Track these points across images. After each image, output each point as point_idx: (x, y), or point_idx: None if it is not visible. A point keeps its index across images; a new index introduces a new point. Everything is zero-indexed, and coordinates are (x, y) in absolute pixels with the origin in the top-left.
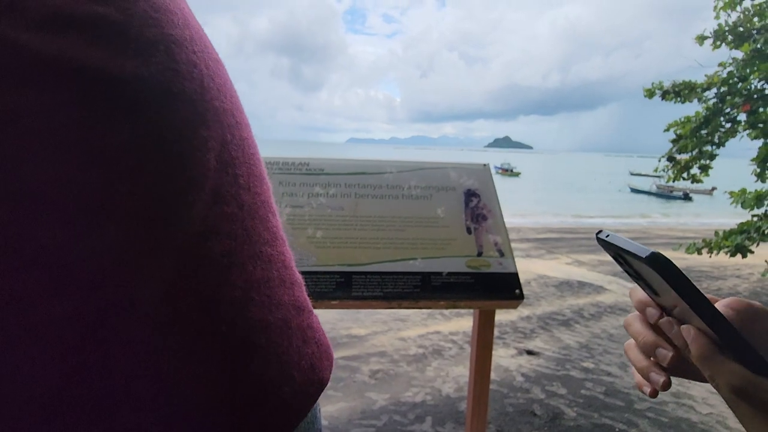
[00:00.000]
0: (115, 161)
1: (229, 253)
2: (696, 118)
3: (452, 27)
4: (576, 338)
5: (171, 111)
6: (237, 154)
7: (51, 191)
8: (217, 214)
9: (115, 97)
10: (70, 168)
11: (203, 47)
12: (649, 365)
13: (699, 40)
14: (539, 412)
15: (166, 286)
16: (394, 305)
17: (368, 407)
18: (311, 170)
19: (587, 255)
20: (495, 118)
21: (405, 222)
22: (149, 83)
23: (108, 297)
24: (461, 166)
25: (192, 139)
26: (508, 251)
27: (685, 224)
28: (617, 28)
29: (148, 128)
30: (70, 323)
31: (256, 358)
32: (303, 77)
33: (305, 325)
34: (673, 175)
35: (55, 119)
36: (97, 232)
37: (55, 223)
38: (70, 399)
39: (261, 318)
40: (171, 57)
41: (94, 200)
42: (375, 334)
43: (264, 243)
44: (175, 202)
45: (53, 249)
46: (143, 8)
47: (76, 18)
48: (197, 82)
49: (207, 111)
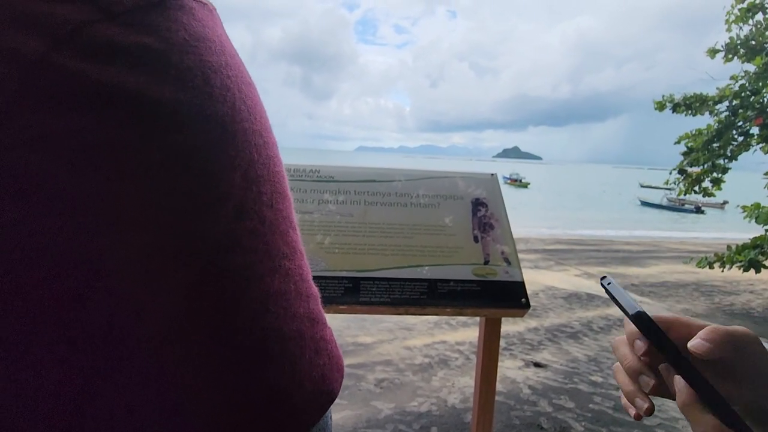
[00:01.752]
0: (149, 177)
1: (250, 266)
2: (708, 131)
3: (463, 37)
4: (584, 351)
5: (203, 132)
6: (262, 172)
7: (86, 204)
8: (240, 229)
9: (154, 118)
10: (102, 184)
11: (237, 72)
12: (634, 390)
13: (711, 53)
14: (546, 425)
15: (187, 293)
16: (401, 311)
17: (373, 416)
18: (321, 177)
19: (597, 267)
20: (504, 128)
21: (413, 229)
22: (185, 107)
23: (133, 303)
24: (469, 176)
25: (221, 158)
26: (514, 260)
27: (696, 238)
28: (628, 39)
29: (181, 148)
30: (91, 328)
31: (270, 366)
32: (314, 86)
33: (318, 336)
34: (684, 188)
35: (99, 138)
36: (129, 241)
37: (91, 232)
38: (86, 405)
39: (276, 328)
40: (206, 82)
41: (126, 212)
42: (381, 342)
43: (283, 257)
44: (201, 216)
45: (86, 254)
46: (183, 37)
47: (123, 47)
48: (229, 105)
49: (236, 132)
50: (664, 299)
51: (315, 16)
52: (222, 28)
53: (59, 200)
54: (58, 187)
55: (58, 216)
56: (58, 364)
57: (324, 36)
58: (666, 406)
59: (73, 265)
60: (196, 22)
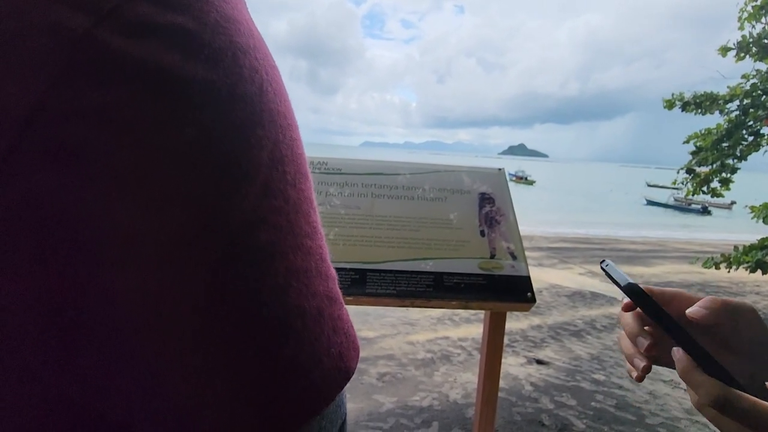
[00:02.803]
0: (181, 153)
1: (274, 243)
2: (717, 130)
3: (471, 33)
4: (587, 349)
5: (233, 111)
6: (286, 152)
7: (123, 175)
8: (266, 206)
9: (187, 96)
10: (139, 156)
11: (263, 55)
12: (634, 352)
13: (722, 51)
14: (548, 422)
15: (216, 266)
16: (407, 303)
17: (375, 409)
18: (329, 169)
19: None
20: (510, 125)
21: (420, 223)
22: (216, 86)
23: (162, 275)
24: (476, 170)
25: (249, 137)
26: (520, 255)
27: (702, 238)
28: (638, 37)
29: (212, 126)
30: (121, 298)
31: (291, 341)
32: (320, 80)
33: (336, 315)
34: (692, 188)
35: (137, 112)
36: (162, 213)
37: (127, 202)
38: None
39: (298, 304)
40: (236, 63)
41: (160, 185)
42: (384, 337)
43: (305, 236)
44: (230, 192)
45: (121, 225)
46: (215, 18)
47: (159, 26)
48: (257, 86)
49: (263, 112)
50: None
51: (322, 10)
52: (248, 11)
53: (97, 171)
54: (98, 158)
55: (95, 186)
56: (83, 329)
57: (331, 30)
58: (668, 405)
59: (107, 235)
60: (225, 4)
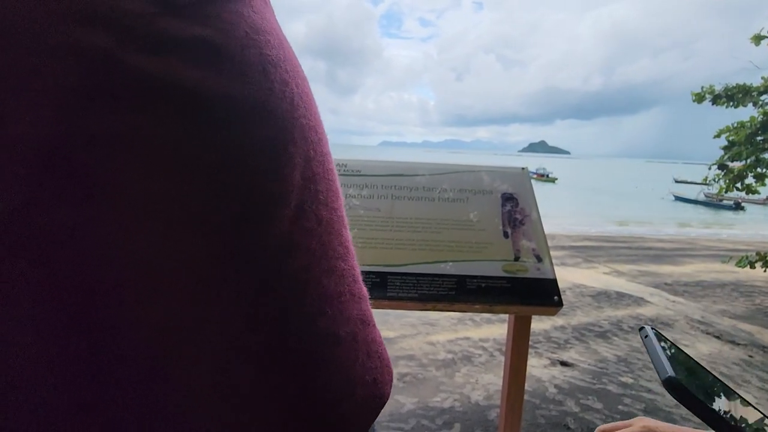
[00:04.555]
0: (208, 176)
1: (307, 268)
2: (751, 123)
3: (489, 29)
4: (614, 351)
5: (263, 128)
6: (318, 170)
7: (148, 202)
8: (298, 229)
9: (210, 115)
10: (166, 181)
11: (293, 66)
12: None
13: (755, 39)
14: (573, 425)
15: (248, 297)
16: (429, 307)
17: (396, 410)
18: (349, 171)
19: (627, 265)
20: (531, 122)
21: (441, 224)
22: (245, 102)
23: (195, 306)
24: (499, 169)
25: (281, 156)
26: (546, 257)
27: (735, 235)
28: (665, 27)
29: (240, 145)
30: (151, 336)
31: (323, 372)
32: (338, 81)
33: (370, 339)
34: (725, 185)
35: (156, 136)
36: (189, 242)
37: (151, 231)
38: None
39: (331, 332)
40: (266, 77)
41: (186, 212)
42: (404, 337)
43: (338, 258)
44: (262, 217)
45: (147, 256)
46: (244, 30)
47: (179, 40)
48: (288, 100)
49: (295, 128)
50: (699, 299)
51: (340, 11)
52: (275, 19)
53: (118, 202)
54: (116, 188)
55: (116, 219)
56: (124, 362)
57: (348, 30)
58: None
59: (136, 270)
60: (255, 15)
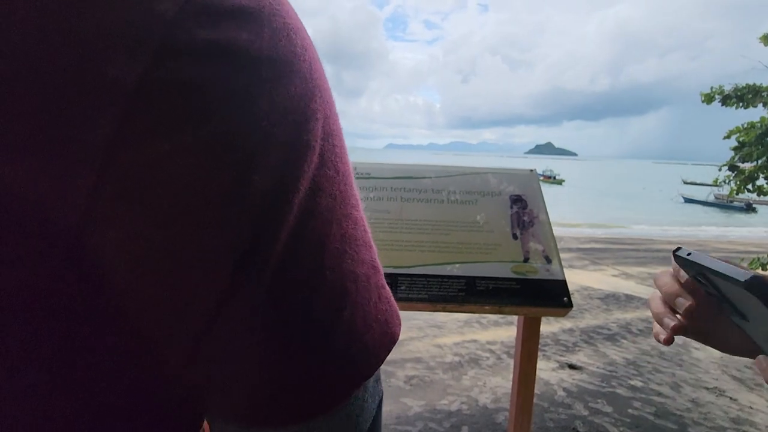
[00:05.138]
0: (256, 126)
1: (330, 210)
2: (762, 124)
3: (495, 30)
4: (623, 354)
5: (293, 86)
6: (334, 127)
7: (208, 141)
8: (322, 175)
9: (256, 73)
10: (221, 124)
11: (307, 36)
12: (665, 311)
13: (764, 39)
14: (582, 429)
15: (289, 231)
16: (439, 308)
17: (403, 413)
18: (358, 174)
19: (636, 267)
20: (537, 123)
21: (450, 226)
22: (279, 63)
23: (247, 234)
24: (507, 171)
25: (307, 110)
26: (555, 258)
27: (746, 237)
28: (673, 27)
29: (278, 100)
30: (203, 288)
31: (348, 305)
32: (344, 84)
33: (380, 284)
34: (736, 186)
35: (209, 89)
36: (246, 181)
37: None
38: None
39: (352, 270)
40: (291, 42)
41: (242, 153)
42: (411, 339)
43: (352, 206)
44: (296, 163)
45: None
46: (270, 1)
47: (227, 8)
48: (308, 64)
49: (315, 88)
50: None
51: (344, 14)
52: None
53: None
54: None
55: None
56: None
57: (354, 33)
58: (713, 414)
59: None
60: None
